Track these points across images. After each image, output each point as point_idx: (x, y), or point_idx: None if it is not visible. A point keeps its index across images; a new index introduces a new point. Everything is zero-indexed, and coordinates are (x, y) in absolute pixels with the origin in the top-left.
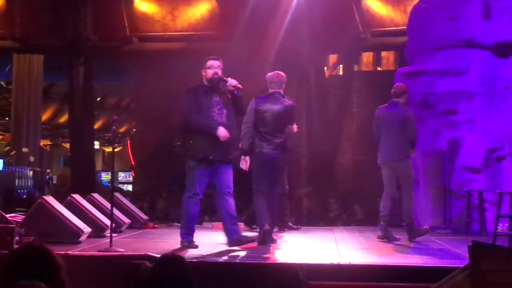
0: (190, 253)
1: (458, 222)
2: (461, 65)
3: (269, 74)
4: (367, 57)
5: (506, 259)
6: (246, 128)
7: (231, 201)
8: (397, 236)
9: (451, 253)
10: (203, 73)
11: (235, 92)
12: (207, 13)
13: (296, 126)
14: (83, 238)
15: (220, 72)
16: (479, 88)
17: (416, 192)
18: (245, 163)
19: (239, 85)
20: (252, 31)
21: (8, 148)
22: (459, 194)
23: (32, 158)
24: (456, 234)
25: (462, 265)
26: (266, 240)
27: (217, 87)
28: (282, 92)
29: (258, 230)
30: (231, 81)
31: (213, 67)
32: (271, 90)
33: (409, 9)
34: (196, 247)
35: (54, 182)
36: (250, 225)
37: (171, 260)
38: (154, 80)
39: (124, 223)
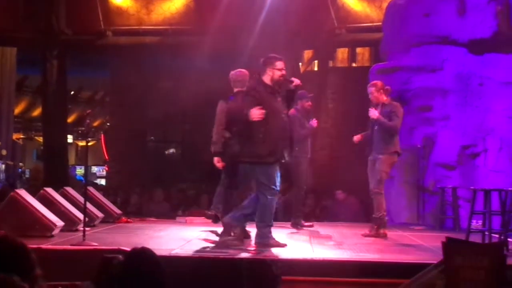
0: (163, 246)
1: (432, 218)
2: (436, 62)
3: (232, 72)
4: (342, 53)
5: (479, 256)
6: (220, 130)
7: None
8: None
9: (424, 249)
10: (270, 73)
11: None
12: (182, 7)
13: (316, 121)
14: (55, 232)
15: (284, 72)
16: (454, 85)
17: (390, 188)
18: (220, 164)
19: (300, 84)
20: (227, 26)
21: None
22: (433, 191)
23: (4, 152)
24: (430, 230)
25: (435, 261)
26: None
27: (278, 87)
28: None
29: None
30: (296, 81)
31: (282, 68)
32: (236, 89)
33: (385, 5)
34: (285, 245)
35: (27, 175)
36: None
37: (142, 254)
38: (129, 74)
39: (97, 217)
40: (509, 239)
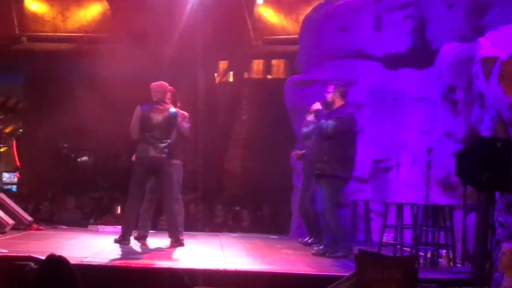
0: (74, 254)
1: None
2: (351, 76)
3: (153, 84)
4: (257, 64)
5: (391, 269)
6: (135, 134)
7: None
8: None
9: (336, 261)
10: None
11: None
12: (98, 15)
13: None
14: None
15: None
16: (368, 99)
17: None
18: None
19: None
20: (144, 36)
21: None
22: (346, 204)
23: None
24: None
25: (347, 274)
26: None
27: None
28: (165, 99)
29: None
30: None
31: None
32: (155, 99)
33: (301, 18)
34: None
35: None
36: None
37: (58, 262)
38: (43, 80)
39: (8, 224)
40: (420, 253)
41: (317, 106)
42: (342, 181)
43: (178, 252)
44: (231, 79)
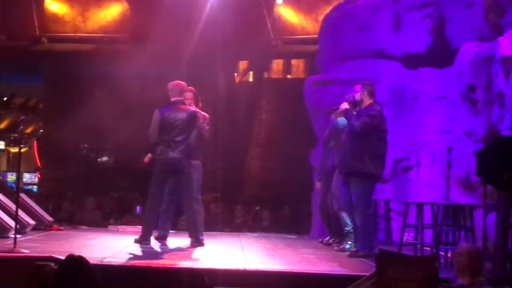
0: (95, 255)
1: None
2: (371, 75)
3: (170, 83)
4: (277, 64)
5: (412, 268)
6: (154, 137)
7: None
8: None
9: (356, 260)
10: None
11: None
12: (118, 15)
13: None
14: None
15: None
16: (388, 98)
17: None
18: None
19: None
20: (164, 36)
21: None
22: None
23: None
24: None
25: (368, 273)
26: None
27: None
28: (183, 100)
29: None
30: None
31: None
32: (172, 99)
33: (321, 18)
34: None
35: None
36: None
37: (76, 262)
38: (64, 81)
39: (29, 224)
40: (440, 252)
41: (345, 105)
42: (374, 179)
43: (198, 252)
44: (251, 79)
